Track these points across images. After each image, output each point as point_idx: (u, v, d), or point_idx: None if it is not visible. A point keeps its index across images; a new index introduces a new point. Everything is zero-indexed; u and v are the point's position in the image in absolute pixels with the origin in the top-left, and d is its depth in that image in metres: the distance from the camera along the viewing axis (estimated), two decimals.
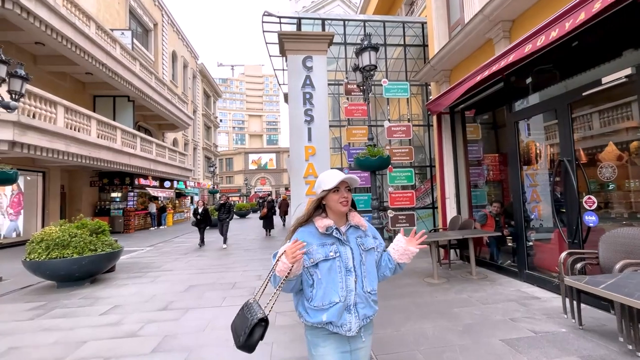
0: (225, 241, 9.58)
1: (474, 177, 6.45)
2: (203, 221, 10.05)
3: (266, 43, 10.58)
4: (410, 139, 8.12)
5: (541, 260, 4.65)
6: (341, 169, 8.36)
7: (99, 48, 12.01)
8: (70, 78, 13.56)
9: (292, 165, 7.34)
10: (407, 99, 8.45)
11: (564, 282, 2.94)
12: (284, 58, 8.07)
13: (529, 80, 4.56)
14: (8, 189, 11.25)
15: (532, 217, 5.03)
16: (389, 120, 8.13)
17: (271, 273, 1.41)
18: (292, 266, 1.32)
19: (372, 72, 6.15)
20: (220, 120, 58.23)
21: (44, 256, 5.02)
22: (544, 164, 4.95)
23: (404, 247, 1.55)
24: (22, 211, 11.79)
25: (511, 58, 3.70)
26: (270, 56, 11.18)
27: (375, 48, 5.88)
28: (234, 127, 76.95)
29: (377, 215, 6.18)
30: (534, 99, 4.62)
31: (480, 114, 6.36)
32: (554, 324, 3.15)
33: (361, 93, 7.21)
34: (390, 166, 7.41)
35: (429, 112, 7.54)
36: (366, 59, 5.86)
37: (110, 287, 5.33)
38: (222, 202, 9.86)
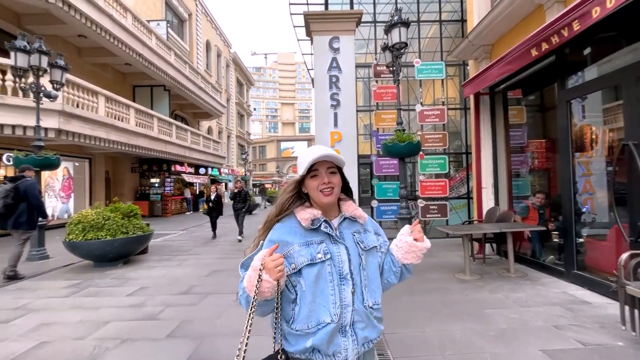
0: (240, 232, 8.62)
1: (515, 165, 5.84)
2: (214, 210, 9.16)
3: (294, 26, 10.30)
4: (444, 124, 7.56)
5: (594, 259, 4.09)
6: (369, 156, 8.05)
7: (135, 39, 12.44)
8: (111, 69, 14.26)
9: None
10: (442, 81, 7.83)
11: (625, 289, 2.49)
12: (311, 41, 7.78)
13: (587, 51, 3.91)
14: (60, 174, 12.20)
15: (584, 210, 4.43)
16: (421, 103, 7.61)
17: (240, 293, 1.01)
18: (279, 283, 0.95)
19: (402, 51, 5.68)
20: (254, 109, 59.24)
21: (80, 237, 5.31)
22: (601, 151, 4.30)
23: (409, 242, 1.12)
24: (72, 194, 12.76)
25: (576, 28, 3.12)
26: (298, 40, 10.90)
27: (405, 24, 5.40)
28: (267, 116, 78.03)
29: (405, 204, 5.82)
30: (591, 73, 3.97)
31: (525, 94, 5.69)
32: (608, 335, 2.71)
33: (391, 75, 6.75)
34: (421, 153, 6.96)
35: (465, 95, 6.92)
36: (396, 36, 5.41)
37: (140, 268, 5.55)
38: (236, 190, 8.97)
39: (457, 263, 5.18)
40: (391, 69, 6.12)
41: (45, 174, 11.49)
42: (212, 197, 9.15)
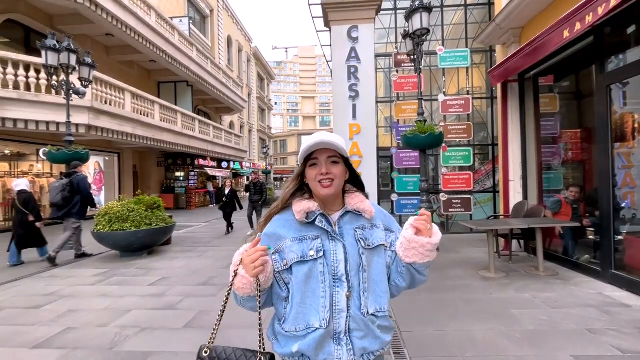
0: (253, 226, 8.21)
1: (546, 157, 5.47)
2: (228, 205, 8.64)
3: (313, 17, 10.17)
4: (469, 114, 7.22)
5: (635, 258, 3.76)
6: (389, 149, 7.84)
7: (158, 36, 12.75)
8: (137, 66, 14.73)
9: None
10: (467, 69, 7.46)
11: None
12: (329, 31, 7.61)
13: (630, 29, 3.55)
14: (91, 168, 12.83)
15: (624, 205, 4.08)
16: (444, 93, 7.29)
17: (230, 289, 0.95)
18: (258, 280, 0.88)
19: (424, 38, 5.44)
20: (275, 103, 59.57)
21: (107, 228, 5.53)
22: None
23: (408, 236, 0.95)
24: (103, 187, 13.39)
25: (615, 3, 2.82)
26: (317, 32, 10.77)
27: (427, 9, 5.15)
28: (287, 110, 78.36)
29: (426, 198, 5.64)
30: (635, 54, 3.61)
31: (558, 80, 5.29)
32: None
33: (412, 64, 6.50)
34: (444, 145, 6.69)
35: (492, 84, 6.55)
36: (417, 22, 5.18)
37: (163, 259, 5.72)
38: (251, 181, 8.54)
39: (481, 260, 4.96)
40: (412, 57, 5.89)
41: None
42: (226, 191, 8.73)
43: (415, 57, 5.75)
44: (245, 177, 27.95)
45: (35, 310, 3.45)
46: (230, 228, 8.73)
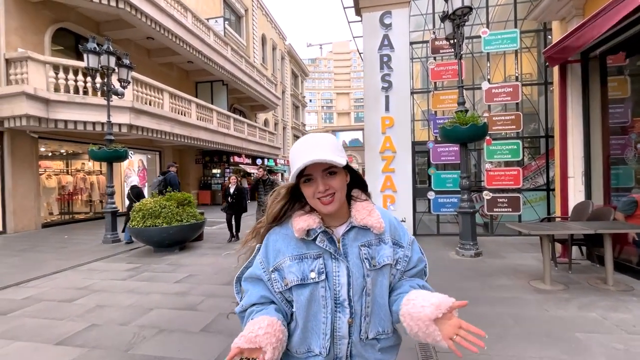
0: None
1: (615, 150, 4.66)
2: (235, 205, 7.11)
3: (344, 8, 9.77)
4: (517, 103, 6.47)
5: None
6: (425, 143, 7.29)
7: (194, 36, 13.10)
8: (176, 67, 15.32)
9: (368, 139, 6.65)
10: (516, 54, 6.65)
11: None
12: (361, 20, 7.21)
13: None
14: (135, 166, 13.60)
15: None
16: (488, 80, 6.59)
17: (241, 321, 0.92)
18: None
19: (465, 18, 4.88)
20: (310, 100, 59.60)
21: (140, 224, 5.68)
22: None
23: (425, 315, 0.78)
24: (146, 184, 14.14)
25: None
26: (349, 22, 10.35)
27: None
28: (322, 107, 78.38)
29: (467, 197, 5.10)
30: None
31: (631, 58, 4.46)
32: None
33: (451, 49, 5.93)
34: (488, 137, 6.06)
35: (546, 64, 5.77)
36: (457, 0, 4.64)
37: (193, 255, 5.77)
38: (259, 177, 6.72)
39: (533, 267, 4.35)
40: (452, 41, 5.34)
41: (123, 166, 12.90)
42: (232, 190, 7.23)
43: (455, 40, 5.20)
44: (280, 174, 28.25)
45: (67, 304, 3.54)
46: (235, 235, 7.07)
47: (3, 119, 8.09)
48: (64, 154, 11.51)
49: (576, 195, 4.73)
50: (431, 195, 6.54)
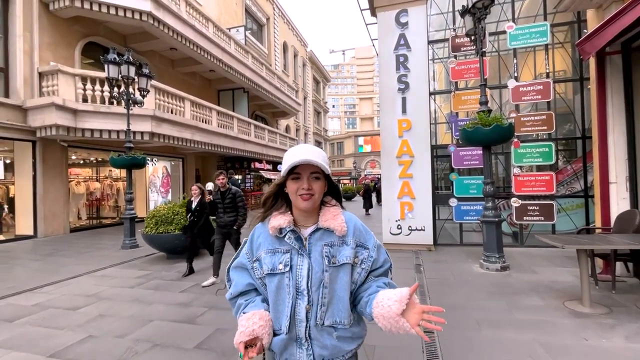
0: (216, 271, 4.53)
1: None
2: (194, 226, 5.03)
3: (361, 10, 9.58)
4: (549, 102, 5.94)
5: None
6: (447, 147, 6.87)
7: (215, 45, 13.38)
8: (199, 76, 15.73)
9: (384, 142, 6.35)
10: (547, 48, 6.12)
11: None
12: (377, 20, 6.96)
13: None
14: (160, 172, 14.01)
15: None
16: (515, 78, 6.11)
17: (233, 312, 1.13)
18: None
19: (487, 10, 4.51)
20: (333, 106, 59.51)
21: (154, 230, 5.69)
22: None
23: (393, 313, 0.94)
24: (169, 190, 14.53)
25: None
26: (366, 25, 10.16)
27: None
28: (345, 112, 78.26)
29: (491, 205, 4.67)
30: None
31: None
32: None
33: (473, 46, 5.55)
34: (515, 140, 5.59)
35: (580, 57, 5.22)
36: None
37: (204, 262, 5.69)
38: (219, 187, 4.64)
39: (570, 285, 3.85)
40: (473, 37, 4.97)
41: (148, 172, 13.32)
42: (194, 204, 5.07)
43: (477, 36, 4.83)
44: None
45: (71, 313, 3.52)
46: (188, 268, 5.02)
47: (36, 129, 8.56)
48: (94, 161, 12.05)
49: (619, 203, 4.18)
50: (453, 202, 6.11)
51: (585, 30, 5.84)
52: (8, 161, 9.11)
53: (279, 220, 1.04)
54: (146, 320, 3.27)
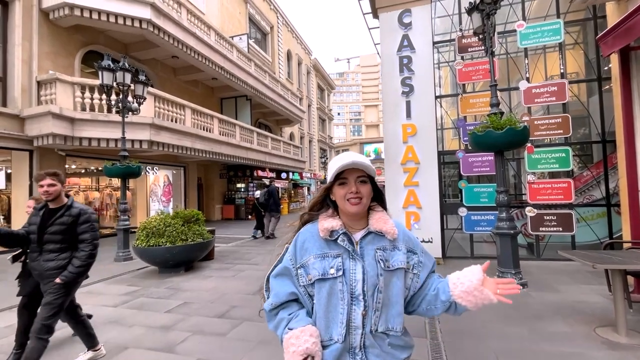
0: None
1: None
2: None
3: (363, 14, 9.35)
4: (564, 104, 5.55)
5: None
6: (454, 153, 6.49)
7: (217, 53, 13.29)
8: (201, 84, 15.65)
9: (388, 149, 6.01)
10: (560, 46, 5.75)
11: None
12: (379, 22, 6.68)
13: None
14: (161, 181, 13.82)
15: None
16: (527, 80, 5.75)
17: (271, 328, 1.08)
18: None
19: (497, 6, 4.20)
20: (338, 114, 59.28)
21: (144, 243, 5.39)
22: None
23: (476, 284, 0.98)
24: (171, 199, 14.31)
25: None
26: (369, 29, 9.90)
27: None
28: (350, 120, 78.28)
29: (506, 215, 4.27)
30: None
31: None
32: None
33: (481, 46, 5.22)
34: (529, 145, 5.20)
35: (601, 56, 4.86)
36: None
37: (197, 277, 5.37)
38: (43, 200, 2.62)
39: (599, 306, 3.42)
40: (481, 36, 4.64)
41: (149, 181, 13.13)
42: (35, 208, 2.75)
43: (485, 34, 4.50)
44: (306, 188, 27.89)
45: None
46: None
47: (32, 138, 8.41)
48: (94, 170, 11.90)
49: None
50: (463, 212, 5.70)
51: (602, 29, 5.48)
52: (9, 171, 8.96)
53: (331, 222, 1.04)
54: (121, 347, 2.93)
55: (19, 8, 8.48)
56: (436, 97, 6.03)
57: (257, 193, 8.44)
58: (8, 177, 8.93)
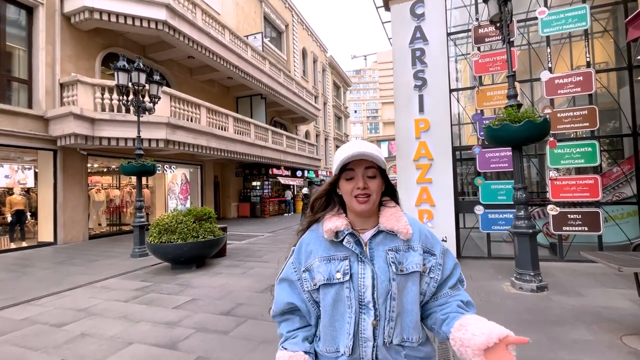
0: None
1: None
2: None
3: (376, 7, 9.16)
4: (590, 95, 5.19)
5: None
6: (470, 148, 6.23)
7: (232, 52, 13.40)
8: (217, 84, 15.86)
9: (400, 145, 5.83)
10: (586, 34, 5.38)
11: None
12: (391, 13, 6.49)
13: None
14: (179, 179, 14.15)
15: None
16: (549, 70, 5.42)
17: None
18: None
19: None
20: (355, 111, 58.82)
21: (157, 240, 5.49)
22: None
23: (475, 346, 0.77)
24: (188, 197, 14.61)
25: None
26: (382, 23, 9.69)
27: None
28: (367, 117, 77.59)
29: (524, 214, 4.04)
30: None
31: None
32: None
33: (498, 35, 4.97)
34: (551, 139, 4.91)
35: (631, 40, 4.49)
36: None
37: (207, 274, 5.41)
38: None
39: (626, 312, 3.16)
40: (498, 24, 4.39)
41: (167, 179, 13.46)
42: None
43: (503, 22, 4.25)
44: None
45: (55, 330, 3.29)
46: None
47: (56, 138, 8.77)
48: (115, 169, 12.30)
49: None
50: (479, 210, 5.45)
51: (631, 16, 5.06)
52: (37, 170, 9.39)
53: (335, 222, 0.95)
54: (126, 342, 2.96)
55: (42, 13, 8.84)
56: (451, 91, 5.79)
57: (305, 190, 10.40)
58: (35, 176, 9.36)
